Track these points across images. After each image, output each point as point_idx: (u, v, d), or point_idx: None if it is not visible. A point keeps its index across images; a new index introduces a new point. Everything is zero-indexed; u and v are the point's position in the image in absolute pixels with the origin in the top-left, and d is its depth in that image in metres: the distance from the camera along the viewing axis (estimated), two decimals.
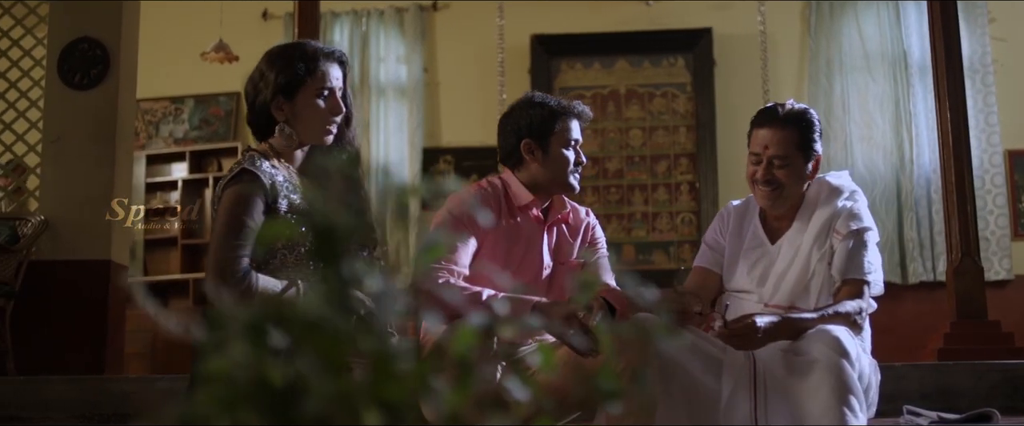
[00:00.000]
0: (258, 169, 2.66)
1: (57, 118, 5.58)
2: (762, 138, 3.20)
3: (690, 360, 3.01)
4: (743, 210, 3.40)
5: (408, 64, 8.41)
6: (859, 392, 2.76)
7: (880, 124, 7.93)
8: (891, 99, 7.95)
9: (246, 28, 7.98)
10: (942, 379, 3.94)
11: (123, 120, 5.61)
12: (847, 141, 7.92)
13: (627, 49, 8.31)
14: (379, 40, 8.47)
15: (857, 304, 3.01)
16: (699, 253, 3.43)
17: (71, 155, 5.50)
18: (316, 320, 0.80)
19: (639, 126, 8.24)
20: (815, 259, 3.11)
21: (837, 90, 8.01)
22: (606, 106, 8.28)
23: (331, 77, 2.81)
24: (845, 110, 7.96)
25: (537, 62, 8.27)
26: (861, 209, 3.16)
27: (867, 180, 7.84)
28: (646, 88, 8.28)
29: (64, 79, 5.58)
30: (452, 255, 3.07)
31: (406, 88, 8.35)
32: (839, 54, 8.05)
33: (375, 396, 0.84)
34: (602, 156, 8.24)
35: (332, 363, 0.82)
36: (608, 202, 8.17)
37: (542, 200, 3.29)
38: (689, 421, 3.00)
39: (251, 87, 2.82)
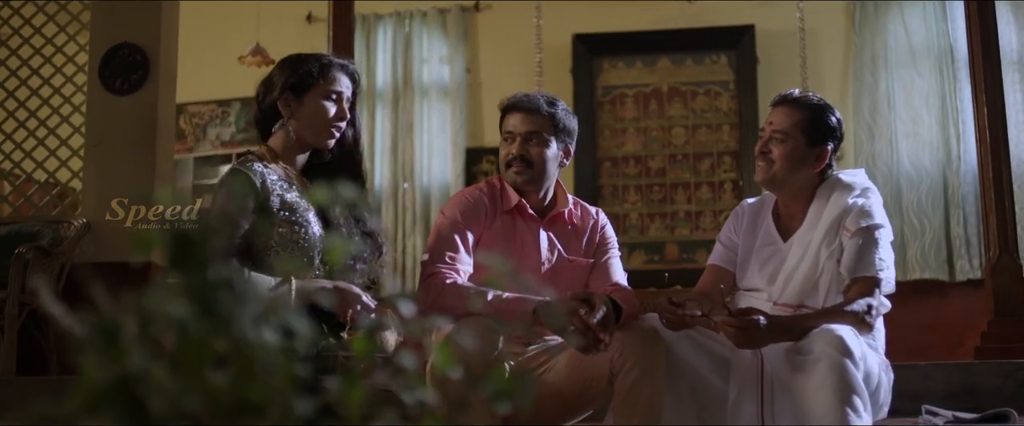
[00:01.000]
0: (248, 170, 2.74)
1: (98, 122, 5.69)
2: (771, 116, 3.23)
3: (698, 359, 3.01)
4: (758, 208, 3.40)
5: (451, 65, 8.46)
6: (863, 392, 2.74)
7: (926, 120, 7.82)
8: (937, 95, 7.83)
9: (287, 31, 8.07)
10: (969, 378, 3.89)
11: (163, 124, 5.71)
12: (892, 138, 7.82)
13: (669, 47, 8.28)
14: (422, 41, 8.53)
15: (866, 302, 2.98)
16: (714, 251, 3.43)
17: (112, 159, 5.61)
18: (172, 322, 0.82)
19: (682, 124, 8.21)
20: (824, 256, 3.10)
21: (882, 86, 7.91)
22: (648, 104, 8.26)
23: (342, 83, 2.89)
24: (890, 106, 7.86)
25: (579, 61, 8.27)
26: (873, 206, 3.13)
27: (913, 177, 7.75)
28: (689, 86, 8.25)
29: (105, 84, 5.69)
30: (457, 255, 3.11)
31: (449, 89, 8.40)
32: (884, 50, 7.95)
33: (238, 396, 0.86)
34: (645, 155, 8.23)
35: (191, 364, 0.85)
36: (651, 201, 8.15)
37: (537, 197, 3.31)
38: (697, 420, 3.00)
39: (262, 88, 2.90)
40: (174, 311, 0.84)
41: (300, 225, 2.76)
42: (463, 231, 3.17)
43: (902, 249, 7.70)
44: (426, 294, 3.07)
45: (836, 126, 3.23)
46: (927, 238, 7.65)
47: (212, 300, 0.87)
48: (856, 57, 8.02)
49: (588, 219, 3.40)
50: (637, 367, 2.89)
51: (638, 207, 8.17)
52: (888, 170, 7.78)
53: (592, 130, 8.19)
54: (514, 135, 3.27)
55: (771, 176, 3.20)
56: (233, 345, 0.86)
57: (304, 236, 2.76)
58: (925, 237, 7.65)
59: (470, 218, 3.20)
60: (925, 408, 3.50)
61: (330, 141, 2.90)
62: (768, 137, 3.20)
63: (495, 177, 3.39)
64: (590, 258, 3.35)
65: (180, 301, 0.85)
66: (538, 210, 3.32)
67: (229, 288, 0.90)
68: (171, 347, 0.85)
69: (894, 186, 7.76)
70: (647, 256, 8.09)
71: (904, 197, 7.72)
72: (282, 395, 0.92)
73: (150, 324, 0.84)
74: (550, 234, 3.31)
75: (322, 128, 2.87)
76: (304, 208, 2.80)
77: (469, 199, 3.27)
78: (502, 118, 3.34)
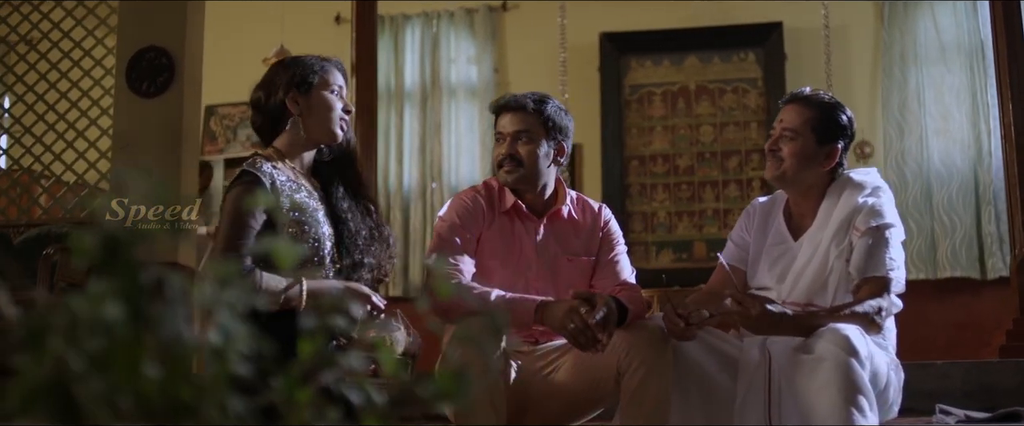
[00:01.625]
0: (259, 171, 2.77)
1: (126, 125, 5.75)
2: (782, 114, 3.23)
3: (705, 359, 3.02)
4: (769, 207, 3.39)
5: (479, 64, 8.48)
6: (869, 391, 2.73)
7: (957, 117, 7.76)
8: (968, 91, 7.76)
9: (313, 33, 8.12)
10: (986, 377, 3.86)
11: (188, 126, 5.76)
12: (922, 135, 7.76)
13: (697, 45, 8.25)
14: (449, 41, 8.55)
15: (875, 302, 2.96)
16: (725, 250, 3.43)
17: (138, 161, 5.67)
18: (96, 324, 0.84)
19: (710, 122, 8.19)
20: (833, 256, 3.08)
21: (912, 83, 7.85)
22: (676, 103, 8.24)
23: (339, 79, 2.95)
24: (920, 103, 7.79)
25: (606, 60, 8.27)
26: (883, 205, 3.10)
27: (944, 174, 7.68)
28: (716, 84, 8.22)
29: (132, 87, 5.74)
30: (459, 256, 3.13)
31: (477, 89, 8.41)
32: (914, 46, 7.89)
33: (167, 396, 0.88)
34: (673, 153, 8.21)
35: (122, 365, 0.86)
36: (679, 199, 8.13)
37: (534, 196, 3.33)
38: (704, 420, 3.00)
39: (262, 92, 2.93)
40: (104, 312, 0.86)
41: (309, 225, 2.80)
42: (463, 233, 3.20)
43: (933, 247, 7.64)
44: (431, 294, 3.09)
45: (847, 124, 3.22)
46: (958, 236, 7.58)
47: (142, 301, 0.89)
48: (885, 53, 7.96)
49: (590, 215, 3.40)
50: (643, 367, 2.89)
51: (666, 205, 8.15)
52: (918, 167, 7.72)
53: (620, 129, 8.19)
54: (504, 135, 3.30)
55: (781, 174, 3.19)
56: (163, 346, 0.88)
57: (314, 236, 2.79)
58: (956, 235, 7.59)
59: (468, 220, 3.23)
60: (939, 407, 3.48)
61: (340, 134, 2.94)
62: (778, 135, 3.20)
63: (493, 179, 3.41)
64: (592, 256, 3.34)
65: (110, 302, 0.87)
66: (535, 209, 3.33)
67: (159, 289, 0.91)
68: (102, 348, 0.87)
69: (924, 183, 7.70)
70: (675, 254, 8.08)
71: (934, 194, 7.66)
72: (216, 395, 0.93)
73: (78, 325, 0.86)
74: (548, 233, 3.32)
75: (331, 122, 2.92)
76: (313, 208, 2.83)
77: (466, 201, 3.29)
78: (494, 120, 3.36)
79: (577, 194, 3.43)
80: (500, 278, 3.20)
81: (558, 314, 2.89)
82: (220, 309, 0.98)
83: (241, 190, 2.77)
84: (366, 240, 2.90)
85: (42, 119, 5.97)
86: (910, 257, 7.63)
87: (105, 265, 0.86)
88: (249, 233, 2.71)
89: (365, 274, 2.89)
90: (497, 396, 2.87)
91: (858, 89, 8.12)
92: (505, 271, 3.24)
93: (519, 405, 3.16)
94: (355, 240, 2.88)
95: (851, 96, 8.04)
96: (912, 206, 7.68)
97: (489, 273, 3.22)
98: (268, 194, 2.73)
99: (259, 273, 2.68)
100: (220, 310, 0.98)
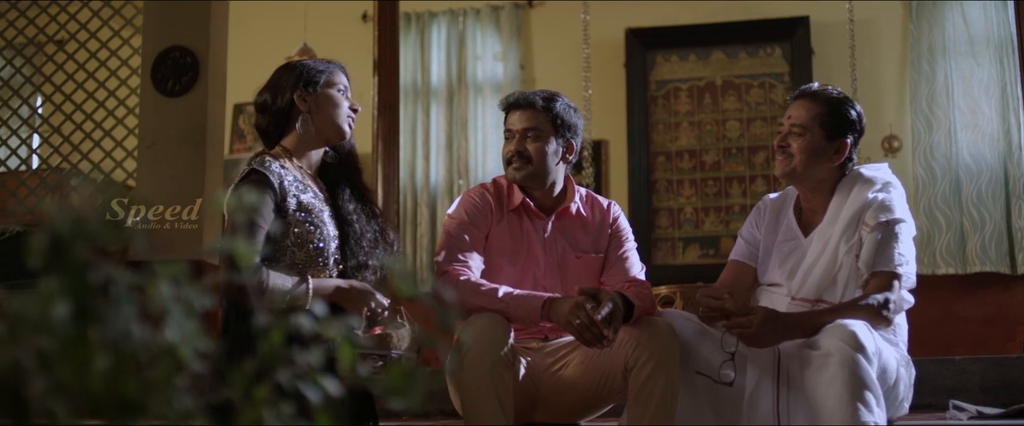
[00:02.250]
0: (267, 170, 2.79)
1: (151, 124, 5.82)
2: (790, 110, 3.24)
3: (714, 355, 3.01)
4: (780, 204, 3.39)
5: (505, 61, 8.49)
6: (875, 387, 2.72)
7: (986, 111, 7.68)
8: (997, 84, 7.69)
9: (337, 31, 8.16)
10: (1004, 373, 3.83)
11: (213, 125, 5.82)
12: (951, 129, 7.69)
13: (723, 40, 8.22)
14: (475, 38, 8.57)
15: (883, 296, 2.95)
16: (735, 247, 3.43)
17: (164, 159, 5.73)
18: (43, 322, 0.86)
19: (736, 117, 8.16)
20: (842, 251, 3.08)
21: (940, 76, 7.78)
22: (702, 98, 8.21)
23: (343, 79, 2.98)
24: (949, 97, 7.72)
25: (632, 56, 8.25)
26: (893, 201, 3.09)
27: (973, 169, 7.61)
28: (743, 79, 8.19)
29: (157, 86, 5.81)
30: (467, 253, 3.15)
31: (503, 85, 8.42)
32: (942, 40, 7.81)
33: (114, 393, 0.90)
34: (699, 148, 8.19)
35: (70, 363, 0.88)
36: (706, 195, 8.11)
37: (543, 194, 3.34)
38: (713, 416, 3.00)
39: (269, 94, 2.95)
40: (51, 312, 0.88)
41: (315, 225, 2.82)
42: (471, 230, 3.22)
43: (962, 242, 7.58)
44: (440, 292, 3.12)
45: (855, 119, 3.21)
46: (987, 230, 7.51)
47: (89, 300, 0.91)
48: (913, 47, 7.90)
49: (599, 212, 3.41)
50: (651, 363, 2.90)
51: (693, 201, 8.13)
52: (947, 162, 7.66)
53: (646, 124, 8.17)
54: (513, 132, 3.31)
55: (791, 170, 3.19)
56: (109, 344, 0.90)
57: (319, 236, 2.82)
58: (985, 229, 7.52)
59: (477, 217, 3.25)
60: (953, 403, 3.46)
61: (348, 130, 2.98)
62: (787, 131, 3.20)
63: (502, 176, 3.43)
64: (601, 253, 3.35)
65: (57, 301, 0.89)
66: (544, 207, 3.34)
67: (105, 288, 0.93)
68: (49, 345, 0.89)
69: (953, 178, 7.63)
70: (702, 250, 8.06)
71: (963, 189, 7.60)
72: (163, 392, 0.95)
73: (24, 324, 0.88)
74: (557, 230, 3.33)
75: (339, 119, 2.95)
76: (319, 208, 2.86)
77: (475, 199, 3.31)
78: (504, 117, 3.37)
79: (587, 191, 3.44)
80: (508, 275, 3.22)
81: (564, 310, 2.90)
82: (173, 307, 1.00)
83: (249, 188, 2.79)
84: (371, 242, 2.93)
85: (70, 119, 6.05)
86: (939, 252, 7.58)
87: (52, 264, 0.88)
88: (257, 233, 2.74)
89: (369, 275, 2.92)
90: (503, 392, 2.88)
91: (886, 83, 8.06)
92: (513, 268, 3.26)
93: (529, 401, 3.18)
94: (360, 242, 2.90)
95: (879, 90, 8.00)
96: (941, 201, 7.62)
97: (498, 270, 3.24)
98: (274, 193, 2.76)
99: (266, 272, 2.71)
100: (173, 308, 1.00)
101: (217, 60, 5.90)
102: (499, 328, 2.93)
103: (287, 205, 2.79)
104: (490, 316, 2.95)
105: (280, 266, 2.76)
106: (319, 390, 1.07)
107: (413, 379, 1.03)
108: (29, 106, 6.18)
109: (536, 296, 3.01)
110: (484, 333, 2.90)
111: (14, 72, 6.31)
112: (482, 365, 2.86)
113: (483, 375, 2.85)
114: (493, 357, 2.87)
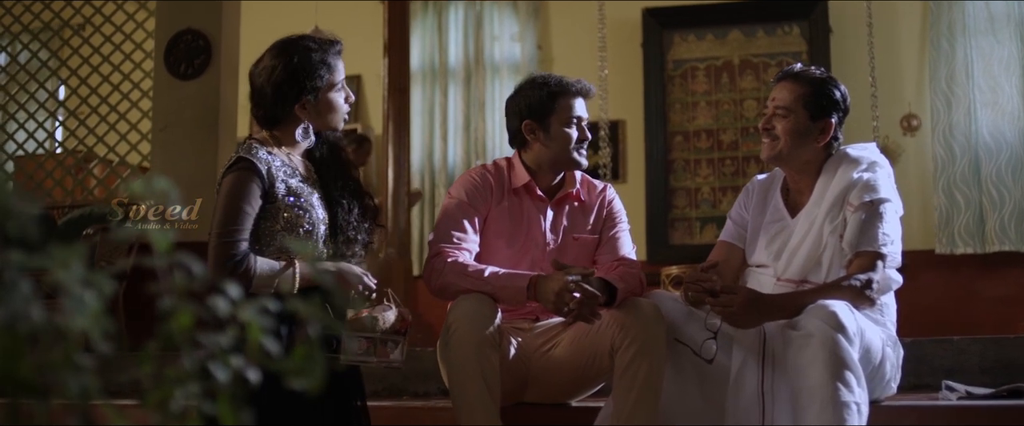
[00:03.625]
0: (254, 156, 2.80)
1: (165, 107, 5.89)
2: (774, 92, 3.23)
3: (701, 334, 3.02)
4: (768, 184, 3.39)
5: (522, 42, 8.50)
6: (856, 367, 2.72)
7: (1006, 89, 7.61)
8: (1018, 62, 7.61)
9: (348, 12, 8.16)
10: (1004, 353, 3.81)
11: (225, 107, 5.88)
12: (971, 107, 7.62)
13: (740, 19, 8.18)
14: (493, 19, 8.58)
15: (866, 277, 2.95)
16: (724, 228, 3.44)
17: (177, 142, 5.80)
18: None
19: (753, 97, 8.12)
20: (827, 231, 3.08)
21: (960, 54, 7.71)
22: (720, 78, 8.18)
23: (342, 68, 2.95)
24: (968, 75, 7.66)
25: (649, 36, 8.23)
26: (879, 180, 3.08)
27: (992, 147, 7.55)
28: (760, 58, 8.15)
29: (170, 70, 5.88)
30: (462, 235, 3.18)
31: (520, 66, 8.43)
32: (962, 17, 7.74)
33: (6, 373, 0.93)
34: (716, 128, 8.16)
35: None
36: (723, 175, 8.09)
37: (549, 179, 3.35)
38: (700, 395, 3.02)
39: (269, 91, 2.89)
40: None
41: (304, 209, 2.84)
42: (469, 210, 3.24)
43: (981, 221, 7.53)
44: (429, 272, 3.15)
45: (840, 99, 3.20)
46: (1007, 209, 7.46)
47: None
48: (933, 25, 7.83)
49: (595, 195, 3.43)
50: (635, 345, 2.92)
51: (710, 181, 8.12)
52: (966, 140, 7.60)
53: (663, 104, 8.16)
54: (582, 120, 3.33)
55: (777, 153, 3.20)
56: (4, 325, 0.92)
57: (309, 220, 2.84)
58: (1004, 208, 7.46)
59: (476, 198, 3.27)
60: (945, 383, 3.45)
61: (341, 126, 3.00)
62: (771, 113, 3.20)
63: (503, 158, 3.45)
64: (596, 234, 3.38)
65: None
66: (547, 190, 3.36)
67: None
68: None
69: (973, 156, 7.58)
70: (719, 230, 7.99)
71: (983, 167, 7.54)
72: (60, 372, 0.98)
73: None
74: (557, 213, 3.35)
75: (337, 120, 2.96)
76: (308, 192, 2.88)
77: (475, 179, 3.33)
78: (567, 101, 3.32)
79: (582, 175, 3.45)
80: (506, 257, 3.24)
81: (548, 290, 2.93)
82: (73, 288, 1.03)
83: (236, 176, 2.80)
84: (358, 218, 2.95)
85: (85, 102, 6.12)
86: (958, 231, 7.53)
87: None
88: (245, 218, 2.76)
89: (358, 250, 2.94)
90: (489, 372, 2.91)
91: (905, 62, 8.00)
92: (511, 250, 3.28)
93: (519, 381, 3.21)
94: (349, 219, 2.93)
95: (898, 69, 7.94)
96: (960, 179, 7.57)
97: (495, 252, 3.27)
98: (262, 180, 2.78)
99: (253, 258, 2.74)
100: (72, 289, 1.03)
101: (229, 43, 5.95)
102: (485, 309, 2.95)
103: (276, 191, 2.81)
104: (476, 297, 2.98)
105: (271, 251, 2.79)
106: (227, 370, 1.10)
107: (313, 360, 1.05)
108: (46, 90, 6.26)
109: (521, 275, 3.04)
110: (469, 314, 2.93)
111: (31, 56, 6.39)
112: (468, 345, 2.89)
113: (469, 355, 2.88)
114: (478, 337, 2.90)
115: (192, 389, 1.08)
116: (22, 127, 6.26)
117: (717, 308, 2.85)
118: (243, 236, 2.73)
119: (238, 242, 2.72)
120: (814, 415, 2.69)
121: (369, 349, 2.78)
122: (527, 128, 3.30)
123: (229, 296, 1.18)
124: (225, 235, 2.72)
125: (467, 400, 2.90)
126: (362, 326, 2.78)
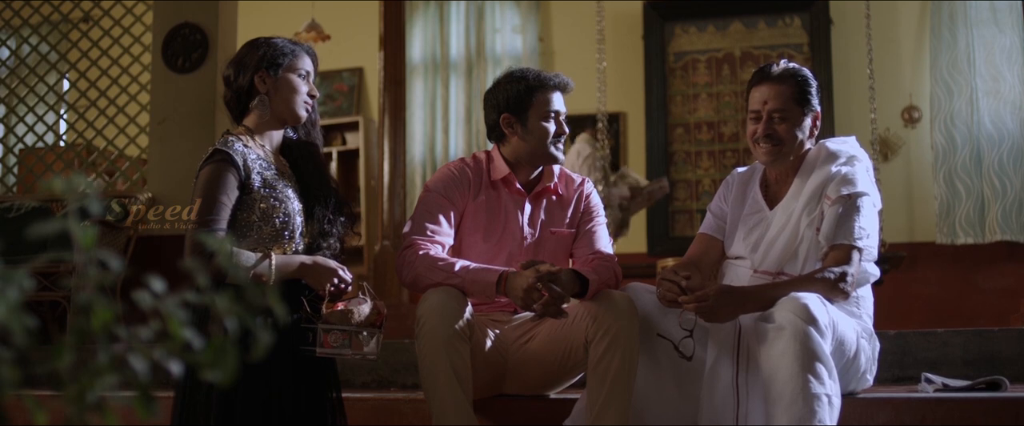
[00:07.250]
0: (230, 149, 2.85)
1: (163, 100, 5.91)
2: (760, 95, 3.21)
3: (676, 327, 3.03)
4: (747, 177, 3.40)
5: (523, 34, 8.51)
6: (827, 359, 2.73)
7: (1008, 78, 7.60)
8: (1020, 51, 7.60)
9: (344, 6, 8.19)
10: (987, 345, 3.81)
11: (222, 101, 5.89)
12: (973, 96, 7.61)
13: (742, 10, 8.19)
14: (494, 11, 8.60)
15: (841, 270, 2.95)
16: (704, 221, 3.45)
17: (175, 135, 5.82)
18: None
19: None
20: (804, 224, 3.09)
21: (961, 44, 7.70)
22: (721, 69, 8.19)
23: (307, 64, 3.02)
24: (970, 64, 7.65)
25: (650, 28, 8.25)
26: (857, 174, 3.09)
27: (994, 136, 7.54)
28: (761, 50, 8.16)
29: (168, 63, 5.90)
30: (436, 228, 3.19)
31: (522, 58, 8.45)
32: (963, 6, 7.73)
33: None
34: (717, 120, 8.17)
35: None
36: (724, 167, 8.10)
37: (527, 172, 3.37)
38: (676, 387, 3.03)
39: (233, 69, 3.01)
40: None
41: (280, 201, 2.88)
42: (444, 204, 3.25)
43: (982, 211, 7.52)
44: (401, 263, 3.17)
45: (815, 84, 3.24)
46: (1008, 199, 7.45)
47: None
48: (934, 14, 7.82)
49: (573, 189, 3.44)
50: (607, 337, 2.93)
51: (710, 173, 8.13)
52: (968, 130, 7.60)
53: (664, 96, 8.17)
54: (559, 114, 3.38)
55: (783, 155, 3.18)
56: None
57: (284, 211, 2.88)
58: (1006, 198, 7.45)
59: (453, 191, 3.28)
60: (924, 375, 3.46)
61: (304, 115, 3.02)
62: (767, 119, 3.17)
63: (482, 151, 3.47)
64: (573, 228, 3.39)
65: None
66: (525, 184, 3.38)
67: None
68: None
69: (974, 146, 7.57)
70: None
71: (984, 157, 7.53)
72: None
73: None
74: (535, 207, 3.37)
75: (296, 103, 2.99)
76: (283, 185, 2.92)
77: (453, 172, 3.35)
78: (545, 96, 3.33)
79: (560, 169, 3.46)
80: (482, 251, 3.27)
81: (516, 286, 2.95)
82: None
83: (213, 167, 2.85)
84: (334, 211, 2.99)
85: (84, 95, 6.15)
86: (959, 221, 7.52)
87: None
88: (221, 208, 2.80)
89: (333, 242, 2.98)
90: (460, 365, 2.93)
91: (906, 51, 7.99)
92: (487, 244, 3.30)
93: (497, 374, 3.23)
94: (325, 211, 2.96)
95: (899, 61, 7.93)
96: (961, 169, 7.56)
97: (471, 246, 3.29)
98: (238, 171, 2.82)
99: (232, 249, 2.77)
100: None
101: (226, 37, 5.97)
102: (454, 302, 2.97)
103: (251, 182, 2.85)
104: (445, 290, 3.00)
105: (247, 242, 2.83)
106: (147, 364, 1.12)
107: (225, 353, 1.07)
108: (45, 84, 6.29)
109: (492, 271, 3.05)
110: (437, 307, 2.95)
111: (30, 50, 6.42)
112: (436, 339, 2.91)
113: (437, 348, 2.90)
114: (447, 331, 2.91)
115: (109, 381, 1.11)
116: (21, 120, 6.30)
117: (690, 304, 2.86)
118: (220, 225, 2.78)
119: (215, 232, 2.76)
120: (785, 407, 2.71)
121: (344, 341, 2.81)
122: (505, 122, 3.32)
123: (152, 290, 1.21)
124: (203, 225, 2.77)
125: (438, 393, 2.92)
126: (337, 318, 2.81)
